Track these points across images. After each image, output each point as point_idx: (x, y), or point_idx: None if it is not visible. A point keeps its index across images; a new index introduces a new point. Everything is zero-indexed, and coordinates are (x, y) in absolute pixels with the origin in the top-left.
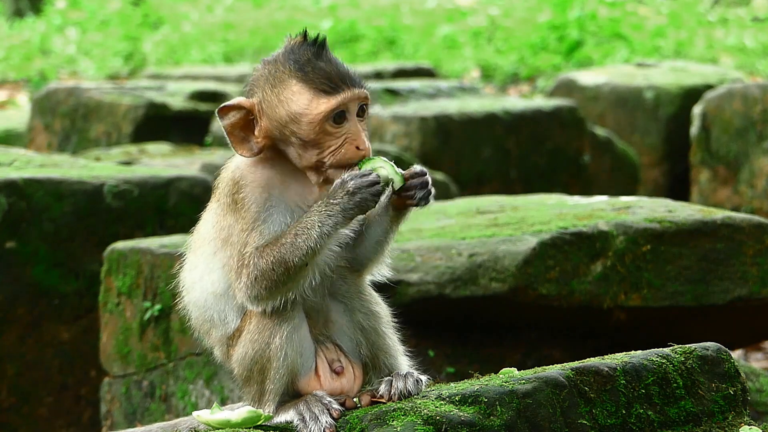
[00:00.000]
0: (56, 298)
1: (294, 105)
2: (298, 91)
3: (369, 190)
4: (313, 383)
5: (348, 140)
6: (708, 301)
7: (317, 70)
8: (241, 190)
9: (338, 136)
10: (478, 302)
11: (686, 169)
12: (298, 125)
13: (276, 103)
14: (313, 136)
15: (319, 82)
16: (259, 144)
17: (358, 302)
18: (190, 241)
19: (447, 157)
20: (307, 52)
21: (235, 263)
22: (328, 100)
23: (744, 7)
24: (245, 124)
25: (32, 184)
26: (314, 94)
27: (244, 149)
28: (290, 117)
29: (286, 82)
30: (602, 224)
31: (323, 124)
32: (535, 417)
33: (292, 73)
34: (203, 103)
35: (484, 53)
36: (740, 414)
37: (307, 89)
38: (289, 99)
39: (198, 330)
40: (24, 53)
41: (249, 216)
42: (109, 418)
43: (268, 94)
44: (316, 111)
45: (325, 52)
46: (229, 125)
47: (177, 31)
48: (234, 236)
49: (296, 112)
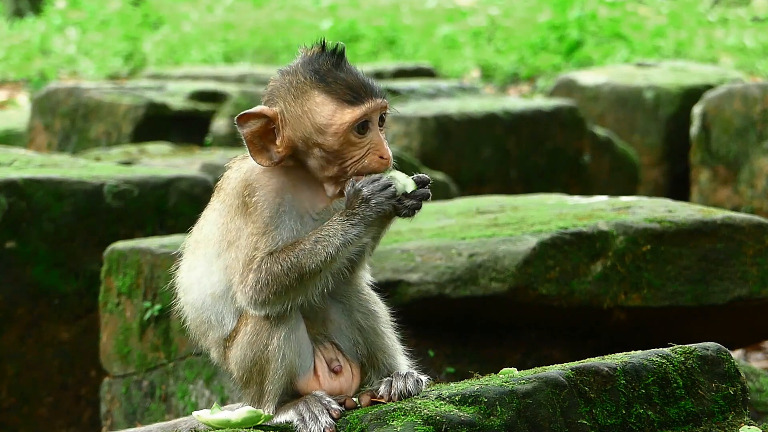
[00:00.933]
0: (56, 298)
1: (318, 116)
2: (321, 102)
3: (383, 193)
4: (312, 383)
5: (371, 150)
6: (708, 301)
7: (339, 81)
8: (254, 193)
9: (362, 146)
10: (478, 302)
11: (686, 169)
12: (323, 136)
13: (300, 114)
14: (337, 147)
15: (343, 92)
16: (280, 154)
17: (356, 302)
18: (188, 242)
19: (447, 157)
20: (326, 62)
21: (241, 266)
22: (353, 111)
23: (744, 7)
24: (265, 133)
25: (32, 184)
26: (338, 105)
27: (263, 158)
28: (315, 128)
29: (309, 93)
30: (602, 224)
31: (348, 135)
32: (535, 417)
33: (314, 84)
34: (203, 103)
35: (484, 53)
36: (740, 414)
37: (331, 100)
38: (312, 110)
39: (194, 332)
40: (24, 53)
41: (261, 220)
42: (109, 418)
43: (290, 104)
44: (340, 121)
45: (344, 62)
46: (250, 133)
47: (177, 31)
48: (242, 239)
49: (321, 123)
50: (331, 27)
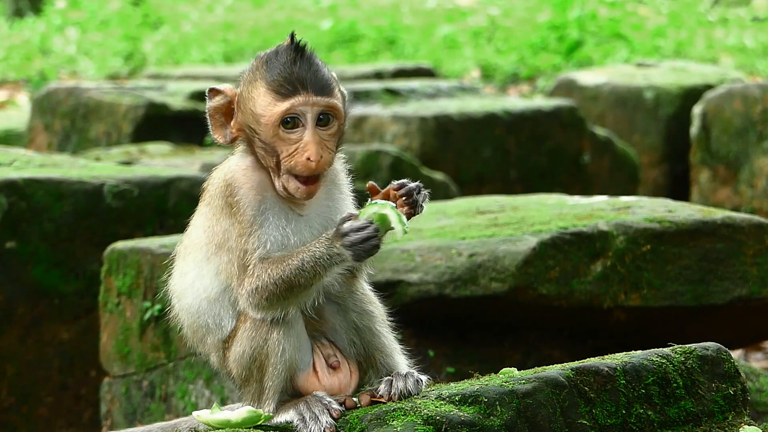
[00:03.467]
0: (56, 298)
1: (257, 105)
2: (262, 93)
3: (362, 246)
4: (311, 379)
5: (299, 150)
6: (708, 301)
7: (283, 74)
8: (234, 193)
9: (291, 143)
10: (478, 302)
11: (686, 169)
12: (259, 126)
13: (247, 99)
14: (269, 139)
15: (278, 84)
16: (232, 134)
17: (351, 302)
18: (178, 248)
19: (447, 157)
20: (285, 55)
21: (236, 270)
22: (279, 104)
23: (744, 7)
24: (227, 112)
25: (32, 184)
26: (273, 97)
27: (219, 135)
28: (254, 116)
29: (257, 81)
30: (602, 224)
31: (276, 128)
32: (535, 417)
33: (262, 74)
34: (203, 103)
35: (484, 53)
36: (740, 414)
37: (268, 91)
38: (254, 98)
39: (192, 337)
40: (24, 53)
41: (245, 220)
42: (109, 418)
43: (244, 89)
44: (270, 113)
45: (304, 56)
46: (212, 108)
47: (177, 31)
48: (231, 241)
49: (257, 113)
50: (331, 27)
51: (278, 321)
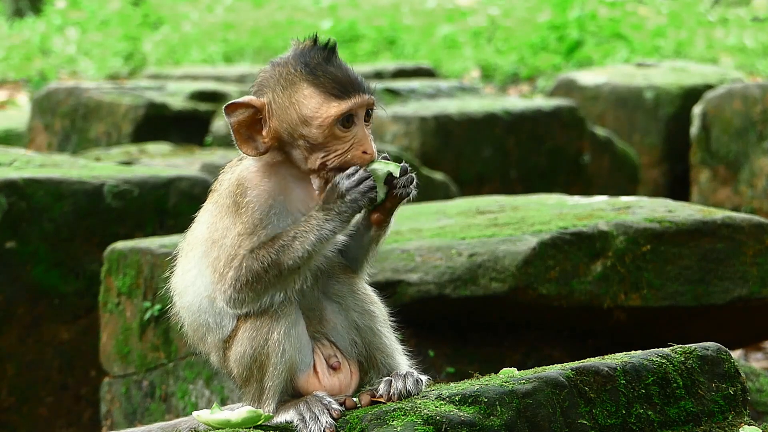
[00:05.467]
0: (56, 298)
1: (304, 108)
2: (309, 95)
3: (358, 189)
4: (311, 379)
5: (355, 145)
6: (708, 301)
7: (328, 75)
8: (246, 193)
9: (346, 140)
10: (478, 302)
11: (686, 169)
12: (308, 128)
13: (287, 105)
14: (321, 139)
15: (330, 86)
16: (265, 144)
17: (351, 301)
18: (181, 245)
19: (447, 157)
20: (317, 56)
21: (221, 264)
22: (339, 105)
23: (744, 7)
24: (252, 123)
25: (32, 184)
26: (325, 98)
27: (248, 148)
28: (301, 119)
29: (298, 84)
30: (602, 224)
31: (332, 128)
32: (535, 417)
33: (304, 76)
34: (203, 103)
35: (484, 53)
36: (740, 414)
37: (318, 93)
38: (300, 101)
39: (192, 336)
40: (24, 53)
41: (251, 221)
42: (109, 418)
43: (279, 95)
44: (326, 114)
45: (335, 57)
46: (236, 123)
47: (177, 31)
48: (228, 238)
49: (307, 115)
50: (331, 27)
51: (280, 320)
